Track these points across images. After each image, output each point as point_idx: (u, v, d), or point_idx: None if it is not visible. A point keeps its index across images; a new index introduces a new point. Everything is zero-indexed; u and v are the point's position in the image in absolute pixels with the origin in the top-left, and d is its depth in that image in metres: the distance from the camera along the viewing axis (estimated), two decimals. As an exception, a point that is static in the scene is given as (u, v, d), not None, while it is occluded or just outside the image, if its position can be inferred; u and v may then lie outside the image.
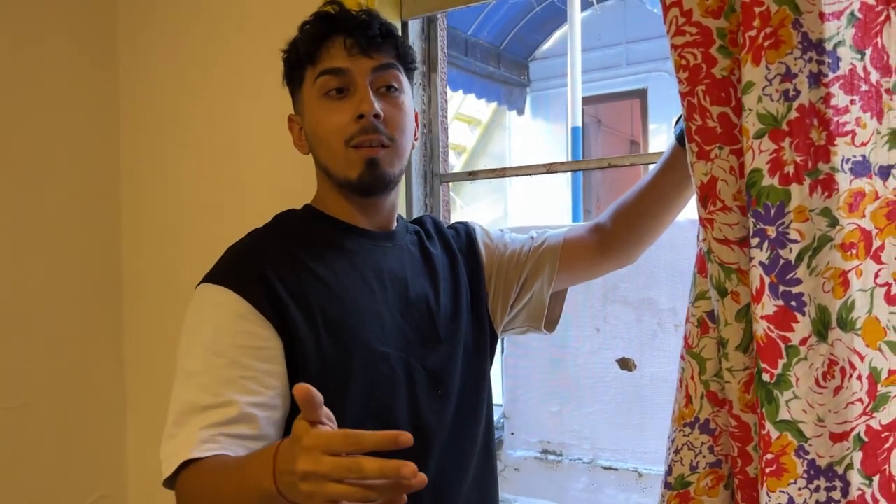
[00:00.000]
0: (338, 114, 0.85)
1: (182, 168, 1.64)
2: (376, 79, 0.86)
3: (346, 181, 0.87)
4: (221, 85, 1.57)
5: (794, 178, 0.69)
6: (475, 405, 0.94)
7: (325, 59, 0.86)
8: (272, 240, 0.89)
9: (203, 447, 0.73)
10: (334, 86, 0.85)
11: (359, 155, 0.85)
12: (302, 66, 0.88)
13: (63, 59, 1.60)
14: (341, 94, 0.86)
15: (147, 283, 1.71)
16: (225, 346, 0.77)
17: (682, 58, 0.73)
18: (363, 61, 0.86)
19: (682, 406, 0.82)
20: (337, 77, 0.85)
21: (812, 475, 0.71)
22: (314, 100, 0.87)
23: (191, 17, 1.61)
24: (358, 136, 0.84)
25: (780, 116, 0.69)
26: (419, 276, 0.93)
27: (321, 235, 0.89)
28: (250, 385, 0.76)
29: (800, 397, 0.70)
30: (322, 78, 0.86)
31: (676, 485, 0.82)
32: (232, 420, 0.75)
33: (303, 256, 0.85)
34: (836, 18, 0.66)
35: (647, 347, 2.43)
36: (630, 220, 0.98)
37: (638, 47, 5.71)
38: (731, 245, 0.74)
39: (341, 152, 0.85)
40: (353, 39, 0.85)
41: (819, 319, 0.69)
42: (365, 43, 0.85)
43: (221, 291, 0.80)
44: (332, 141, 0.86)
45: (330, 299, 0.83)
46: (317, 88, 0.86)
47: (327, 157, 0.88)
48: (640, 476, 2.53)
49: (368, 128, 0.84)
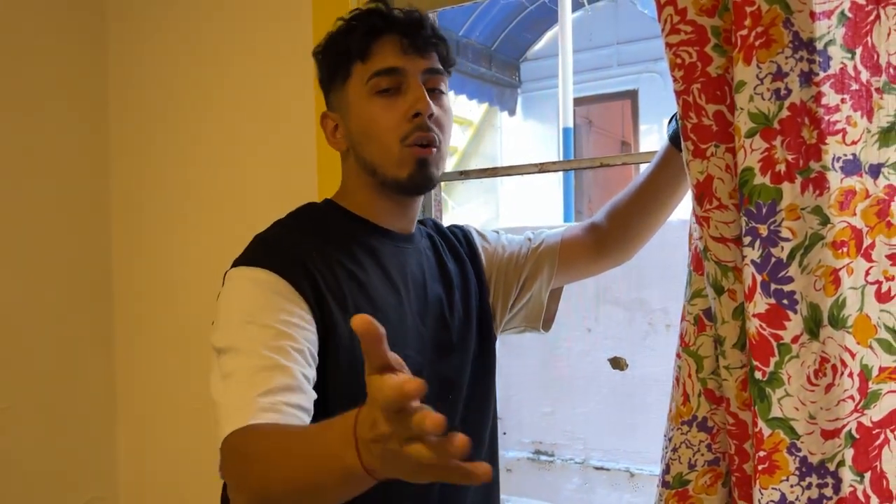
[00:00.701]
0: (391, 112, 0.84)
1: (172, 168, 1.63)
2: (427, 80, 0.86)
3: (394, 180, 0.86)
4: (212, 84, 1.56)
5: (785, 177, 0.69)
6: (483, 409, 0.94)
7: (379, 56, 0.85)
8: (302, 232, 0.87)
9: (264, 416, 0.67)
10: (388, 85, 0.85)
11: (412, 154, 0.84)
12: (349, 62, 0.87)
13: (52, 60, 1.59)
14: (391, 93, 0.85)
15: (137, 286, 1.70)
16: (270, 320, 0.74)
17: (678, 56, 0.74)
18: (418, 61, 0.86)
19: (679, 404, 0.82)
20: (392, 76, 0.85)
21: (804, 472, 0.71)
22: (364, 97, 0.86)
23: (182, 16, 1.60)
24: (413, 134, 0.84)
25: (771, 115, 0.69)
26: (435, 281, 0.93)
27: (347, 232, 0.88)
28: (300, 357, 0.74)
29: (791, 395, 0.70)
30: (377, 78, 0.85)
31: (675, 483, 0.82)
32: (290, 388, 0.71)
33: (333, 250, 0.84)
34: (827, 18, 0.67)
35: (638, 347, 2.43)
36: (625, 220, 0.99)
37: (629, 48, 5.73)
38: (728, 243, 0.74)
39: (396, 150, 0.85)
40: (409, 39, 0.85)
41: (811, 317, 0.70)
42: (421, 43, 0.85)
43: (259, 271, 0.78)
44: (387, 138, 0.85)
45: (362, 296, 0.83)
46: (369, 87, 0.85)
47: (378, 154, 0.86)
48: (631, 476, 2.54)
49: (423, 126, 0.84)
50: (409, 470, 0.50)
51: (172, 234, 1.64)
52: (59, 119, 1.61)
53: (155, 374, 1.67)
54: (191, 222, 1.61)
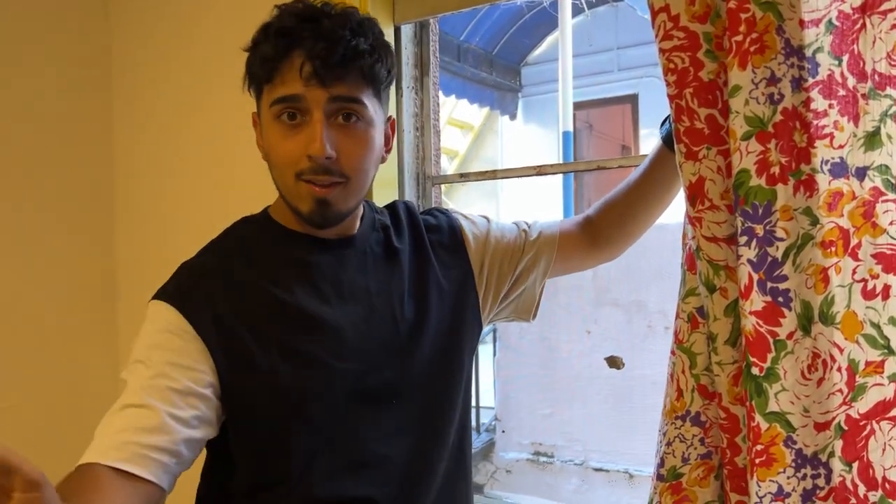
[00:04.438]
0: (290, 143, 0.79)
1: (176, 167, 1.64)
2: (338, 108, 0.79)
3: (296, 210, 0.82)
4: (216, 81, 1.57)
5: (779, 179, 0.71)
6: (445, 407, 0.91)
7: (279, 82, 0.78)
8: (226, 257, 0.85)
9: (113, 454, 0.71)
10: (288, 112, 0.79)
11: (309, 191, 0.79)
12: (258, 82, 0.83)
13: (55, 56, 1.60)
14: (294, 119, 0.79)
15: (140, 284, 1.71)
16: (154, 361, 0.76)
17: (671, 61, 0.76)
18: (319, 91, 0.77)
19: (673, 399, 0.84)
20: (290, 105, 0.78)
21: (799, 464, 0.73)
22: (269, 120, 0.81)
23: (184, 15, 1.62)
24: (308, 174, 0.79)
25: (766, 119, 0.71)
26: (382, 282, 0.89)
27: (277, 250, 0.86)
28: (176, 398, 0.75)
29: (787, 389, 0.72)
30: (277, 105, 0.79)
31: (669, 476, 0.84)
32: (149, 429, 0.73)
33: (257, 277, 0.83)
34: (815, 26, 0.69)
35: (637, 349, 2.45)
36: (618, 218, 1.00)
37: (629, 53, 5.77)
38: (720, 242, 0.76)
39: (292, 184, 0.80)
40: (311, 67, 0.76)
41: (803, 314, 0.72)
42: (323, 72, 0.76)
43: (163, 307, 0.79)
44: (284, 171, 0.80)
45: (286, 322, 0.81)
46: (271, 112, 0.80)
47: (280, 182, 0.83)
48: (630, 477, 2.56)
49: (318, 169, 0.78)
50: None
51: (176, 231, 1.65)
52: (63, 116, 1.61)
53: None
54: (195, 220, 1.62)
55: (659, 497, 0.85)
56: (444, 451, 0.90)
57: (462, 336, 0.94)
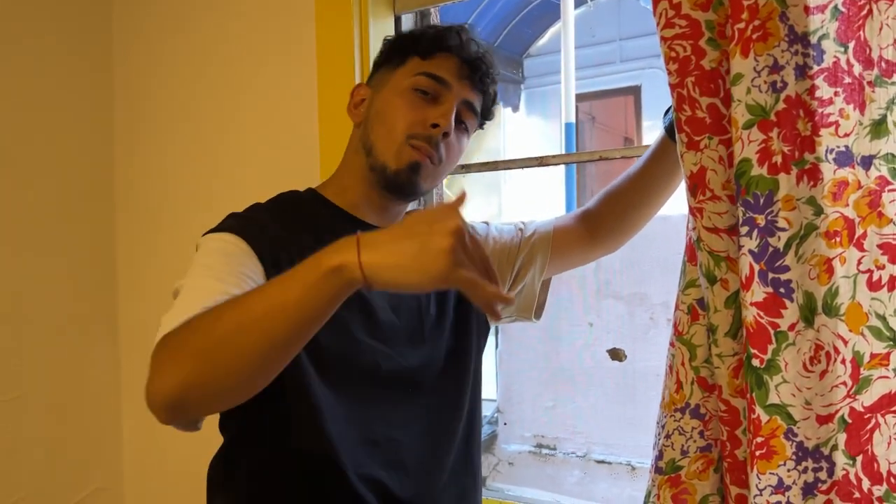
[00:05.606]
0: (416, 111, 0.87)
1: (176, 161, 1.65)
2: (462, 110, 0.89)
3: (383, 167, 0.87)
4: (217, 80, 1.57)
5: (781, 168, 0.70)
6: (455, 403, 0.94)
7: (436, 62, 0.88)
8: (275, 215, 0.87)
9: None
10: (428, 88, 0.87)
11: (410, 153, 0.86)
12: (409, 53, 0.90)
13: (57, 57, 1.60)
14: (427, 97, 0.88)
15: (141, 275, 1.72)
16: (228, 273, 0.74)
17: (672, 50, 0.75)
18: (465, 89, 0.89)
19: (672, 392, 0.84)
20: (437, 84, 0.88)
21: (800, 457, 0.72)
22: (402, 87, 0.88)
23: (186, 14, 1.61)
24: (420, 140, 0.86)
25: (768, 107, 0.70)
26: None
27: (323, 221, 0.88)
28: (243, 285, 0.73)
29: (788, 381, 0.72)
30: (423, 77, 0.88)
31: (668, 469, 0.84)
32: None
33: (304, 236, 0.84)
34: (821, 12, 0.68)
35: (639, 342, 2.44)
36: (619, 209, 1.00)
37: (632, 44, 5.74)
38: (721, 233, 0.75)
39: (399, 141, 0.86)
40: (470, 69, 0.89)
41: (806, 305, 0.71)
42: (477, 78, 0.89)
43: (225, 235, 0.79)
44: (397, 128, 0.87)
45: None
46: (412, 81, 0.88)
47: (382, 138, 0.88)
48: (633, 469, 2.55)
49: (433, 140, 0.86)
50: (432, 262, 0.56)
51: (176, 223, 1.65)
52: (64, 113, 1.62)
53: (161, 365, 1.69)
54: (195, 213, 1.62)
55: (657, 490, 0.84)
56: (451, 446, 0.92)
57: (470, 336, 0.96)
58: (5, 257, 1.51)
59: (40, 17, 1.57)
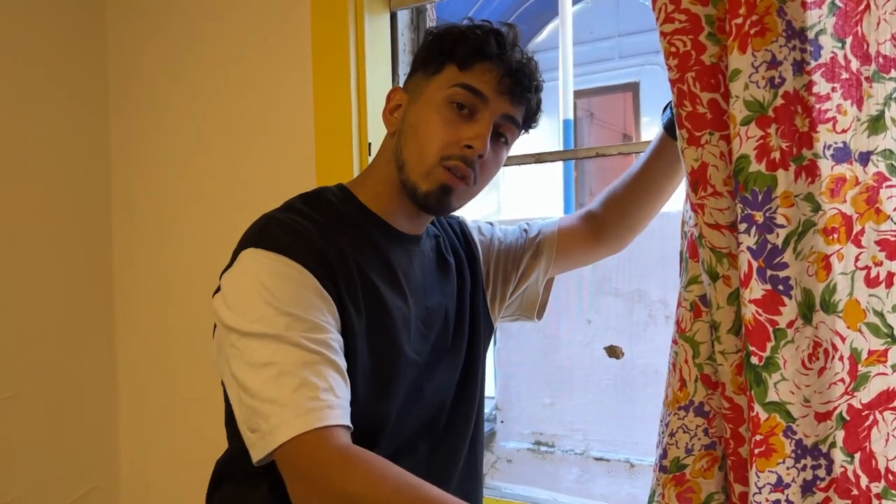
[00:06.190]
0: (450, 128, 0.82)
1: (171, 160, 1.64)
2: (501, 124, 0.85)
3: (413, 186, 0.83)
4: (212, 80, 1.57)
5: (780, 164, 0.70)
6: (470, 400, 0.94)
7: (475, 74, 0.83)
8: (317, 222, 0.82)
9: (330, 413, 0.68)
10: (464, 102, 0.82)
11: (442, 175, 0.82)
12: (448, 60, 0.84)
13: (52, 55, 1.59)
14: (463, 111, 0.83)
15: (138, 277, 1.71)
16: (305, 313, 0.72)
17: (672, 45, 0.74)
18: (504, 103, 0.84)
19: (675, 389, 0.83)
20: (473, 97, 0.82)
21: (799, 454, 0.72)
22: (436, 98, 0.83)
23: (182, 12, 1.61)
24: (454, 160, 0.82)
25: (766, 103, 0.70)
26: (436, 285, 0.91)
27: (358, 227, 0.85)
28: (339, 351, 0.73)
29: (787, 379, 0.71)
30: (459, 89, 0.82)
31: (672, 468, 0.83)
32: (341, 384, 0.71)
33: (347, 246, 0.81)
34: (818, 7, 0.68)
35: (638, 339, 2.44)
36: (621, 208, 1.00)
37: (630, 40, 5.73)
38: (722, 230, 0.75)
39: (430, 163, 0.82)
40: (511, 81, 0.83)
41: (804, 302, 0.71)
42: (518, 89, 0.84)
43: (284, 260, 0.75)
44: (430, 148, 0.82)
45: (372, 297, 0.81)
46: (449, 93, 0.83)
47: (414, 156, 0.83)
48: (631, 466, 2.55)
49: (469, 161, 0.82)
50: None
51: (171, 224, 1.65)
52: (60, 112, 1.61)
53: (156, 364, 1.69)
54: (190, 213, 1.62)
55: (662, 489, 0.84)
56: (462, 450, 0.92)
57: (480, 335, 0.97)
58: (0, 257, 1.50)
59: (34, 19, 1.56)
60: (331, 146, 1.38)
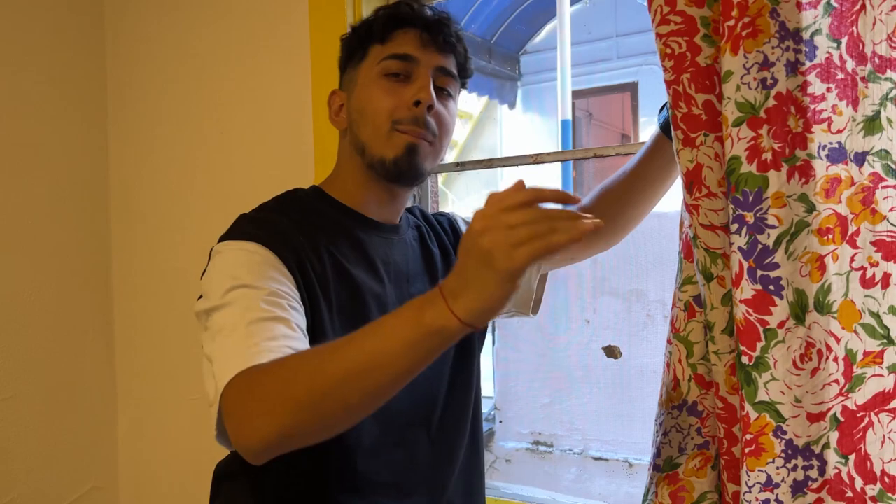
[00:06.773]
0: (393, 96, 0.85)
1: (170, 159, 1.64)
2: (437, 77, 0.87)
3: (380, 160, 0.85)
4: (210, 81, 1.57)
5: (771, 165, 0.70)
6: (464, 394, 0.95)
7: (397, 41, 0.86)
8: (288, 217, 0.85)
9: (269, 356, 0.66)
10: (399, 70, 0.85)
11: (402, 139, 0.84)
12: (368, 43, 0.88)
13: (50, 57, 1.60)
14: (399, 78, 0.85)
15: (136, 274, 1.71)
16: (263, 283, 0.73)
17: (668, 46, 0.74)
18: (433, 56, 0.86)
19: (669, 389, 0.83)
20: (405, 62, 0.85)
21: (790, 454, 0.72)
22: (372, 78, 0.86)
23: (178, 10, 1.61)
24: (407, 123, 0.84)
25: (757, 104, 0.70)
26: (420, 274, 0.92)
27: (334, 220, 0.87)
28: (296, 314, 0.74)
29: (777, 379, 0.71)
30: (389, 60, 0.85)
31: (665, 466, 0.83)
32: (291, 336, 0.70)
33: (319, 236, 0.83)
34: (813, 7, 0.68)
35: (636, 338, 2.45)
36: (614, 207, 1.00)
37: (628, 41, 5.73)
38: (717, 230, 0.75)
39: (385, 132, 0.84)
40: (430, 34, 0.86)
41: (797, 303, 0.71)
42: (441, 40, 0.86)
43: (248, 244, 0.77)
44: (380, 119, 0.85)
45: (345, 285, 0.82)
46: (379, 68, 0.86)
47: (369, 134, 0.86)
48: (630, 466, 2.56)
49: (420, 119, 0.84)
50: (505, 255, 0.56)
51: (170, 223, 1.65)
52: (59, 114, 1.62)
53: (154, 364, 1.69)
54: (188, 212, 1.62)
55: (655, 488, 0.84)
56: (462, 442, 0.93)
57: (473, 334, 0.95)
58: (0, 260, 1.51)
59: (32, 22, 1.56)
60: (330, 147, 1.38)
